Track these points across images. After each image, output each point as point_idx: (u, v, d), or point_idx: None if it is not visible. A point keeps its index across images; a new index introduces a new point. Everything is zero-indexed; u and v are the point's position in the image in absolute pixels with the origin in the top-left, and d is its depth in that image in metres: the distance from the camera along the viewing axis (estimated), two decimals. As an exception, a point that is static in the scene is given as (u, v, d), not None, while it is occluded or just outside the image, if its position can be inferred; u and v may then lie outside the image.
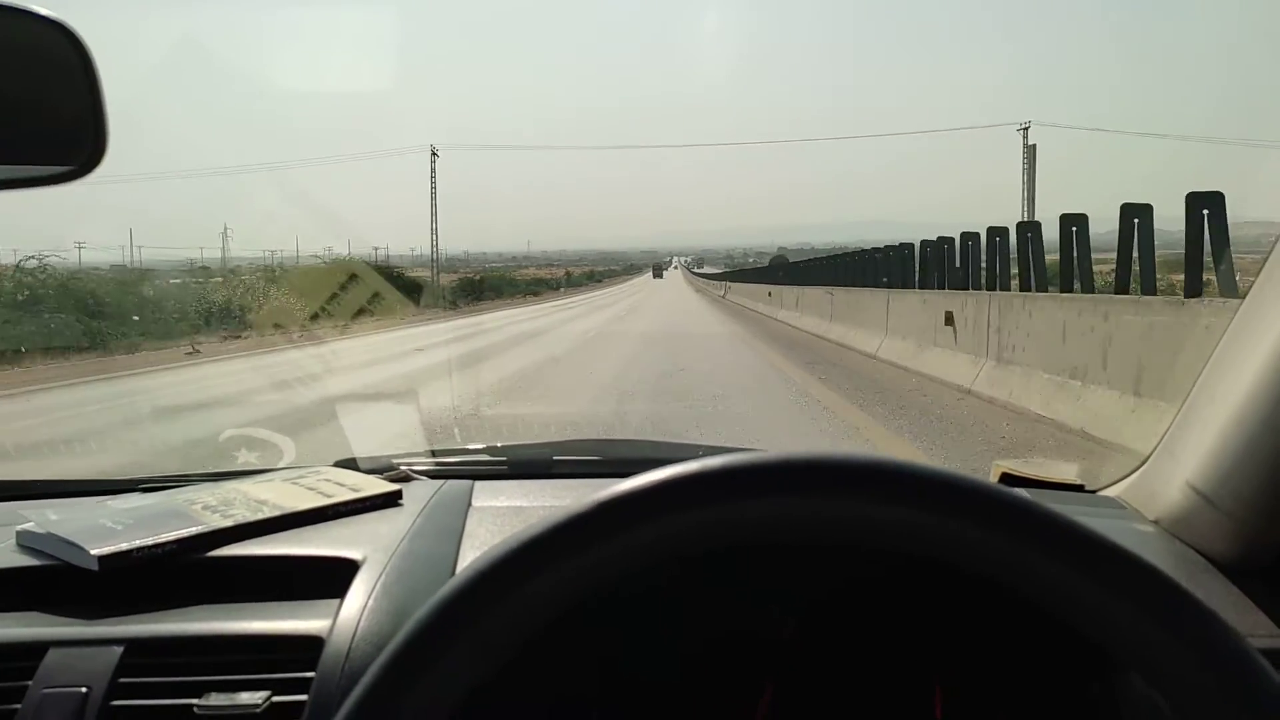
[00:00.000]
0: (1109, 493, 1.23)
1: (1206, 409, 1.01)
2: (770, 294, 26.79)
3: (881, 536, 0.51)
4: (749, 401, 8.57)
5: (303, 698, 0.85)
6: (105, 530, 1.06)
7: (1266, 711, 0.46)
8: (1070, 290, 8.94)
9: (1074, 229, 9.17)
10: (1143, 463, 1.18)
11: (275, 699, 0.85)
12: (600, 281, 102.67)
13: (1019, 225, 10.59)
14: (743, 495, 0.51)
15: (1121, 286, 8.22)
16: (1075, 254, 9.06)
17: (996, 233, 11.13)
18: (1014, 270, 10.73)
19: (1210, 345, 1.03)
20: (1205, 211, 7.30)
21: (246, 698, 0.85)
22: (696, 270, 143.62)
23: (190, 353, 14.57)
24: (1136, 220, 8.11)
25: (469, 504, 1.21)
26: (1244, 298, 1.00)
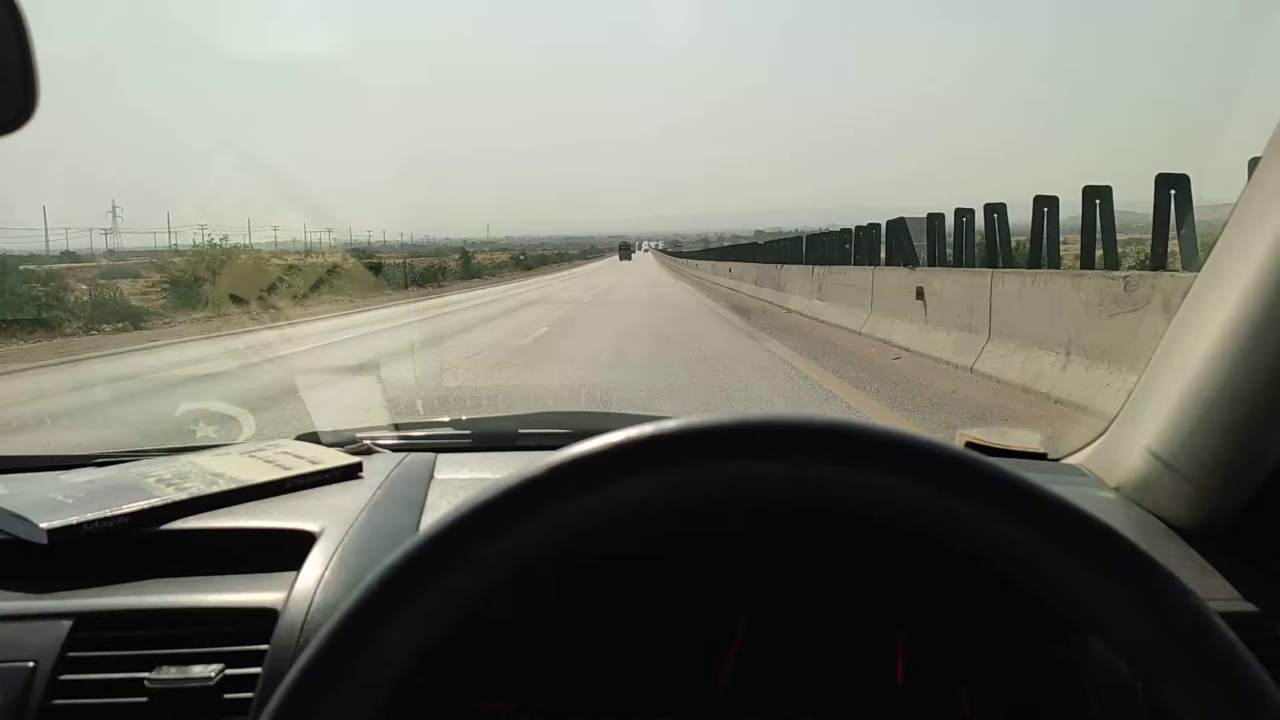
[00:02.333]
0: (1070, 460, 1.25)
1: (1166, 376, 1.02)
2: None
3: (842, 500, 0.51)
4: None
5: (256, 670, 0.84)
6: (55, 503, 1.04)
7: (1222, 672, 0.47)
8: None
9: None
10: (1104, 431, 1.19)
11: (228, 672, 0.84)
12: (531, 269, 72.86)
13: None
14: (700, 458, 0.50)
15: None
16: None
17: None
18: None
19: (1170, 314, 1.04)
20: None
21: (199, 671, 0.83)
22: (674, 252, 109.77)
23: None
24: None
25: (431, 476, 1.20)
26: (1200, 267, 1.01)
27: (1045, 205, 9.97)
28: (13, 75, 0.82)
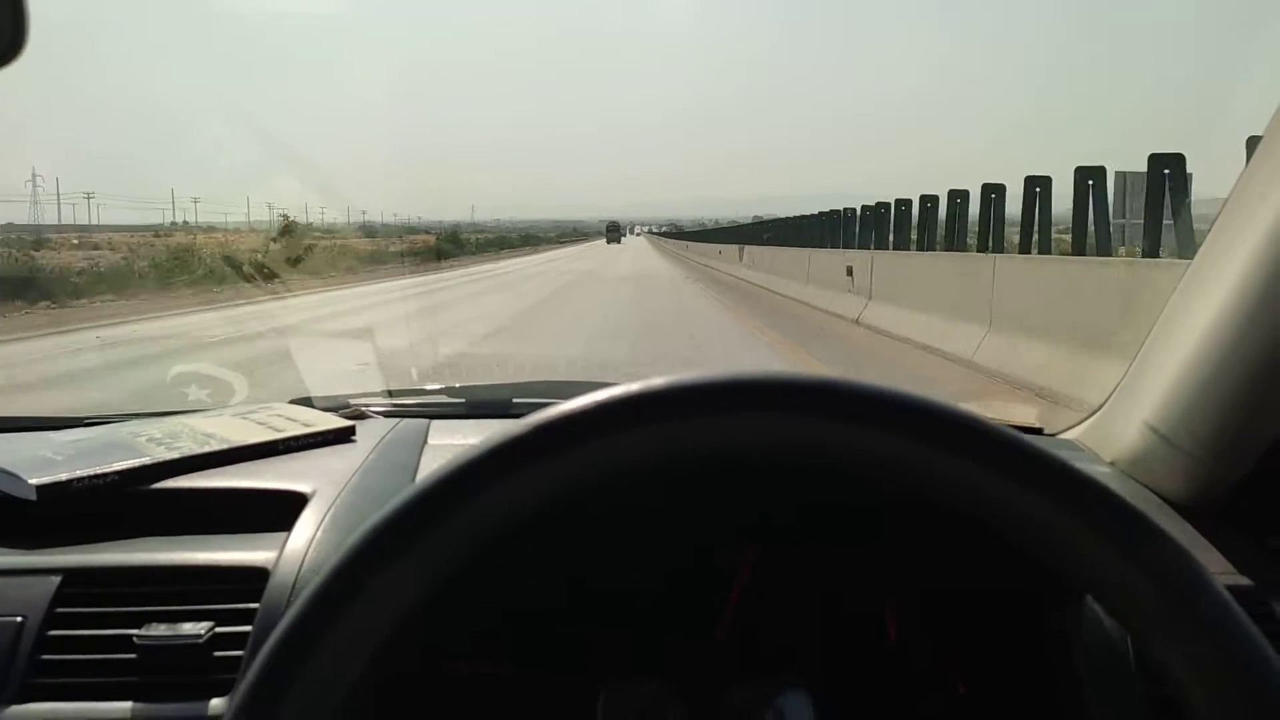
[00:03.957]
0: (1066, 435, 1.24)
1: (1164, 351, 1.01)
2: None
3: (831, 459, 0.50)
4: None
5: (247, 629, 0.84)
6: (45, 461, 1.03)
7: (1218, 630, 0.47)
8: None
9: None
10: (1100, 406, 1.19)
11: (218, 630, 0.84)
12: (445, 258, 30.50)
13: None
14: (686, 414, 0.49)
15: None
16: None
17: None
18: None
19: (1170, 288, 1.04)
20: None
21: (189, 628, 0.83)
22: (674, 234, 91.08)
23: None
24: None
25: (424, 442, 1.20)
26: (1202, 242, 1.01)
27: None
28: (2, 6, 0.80)
